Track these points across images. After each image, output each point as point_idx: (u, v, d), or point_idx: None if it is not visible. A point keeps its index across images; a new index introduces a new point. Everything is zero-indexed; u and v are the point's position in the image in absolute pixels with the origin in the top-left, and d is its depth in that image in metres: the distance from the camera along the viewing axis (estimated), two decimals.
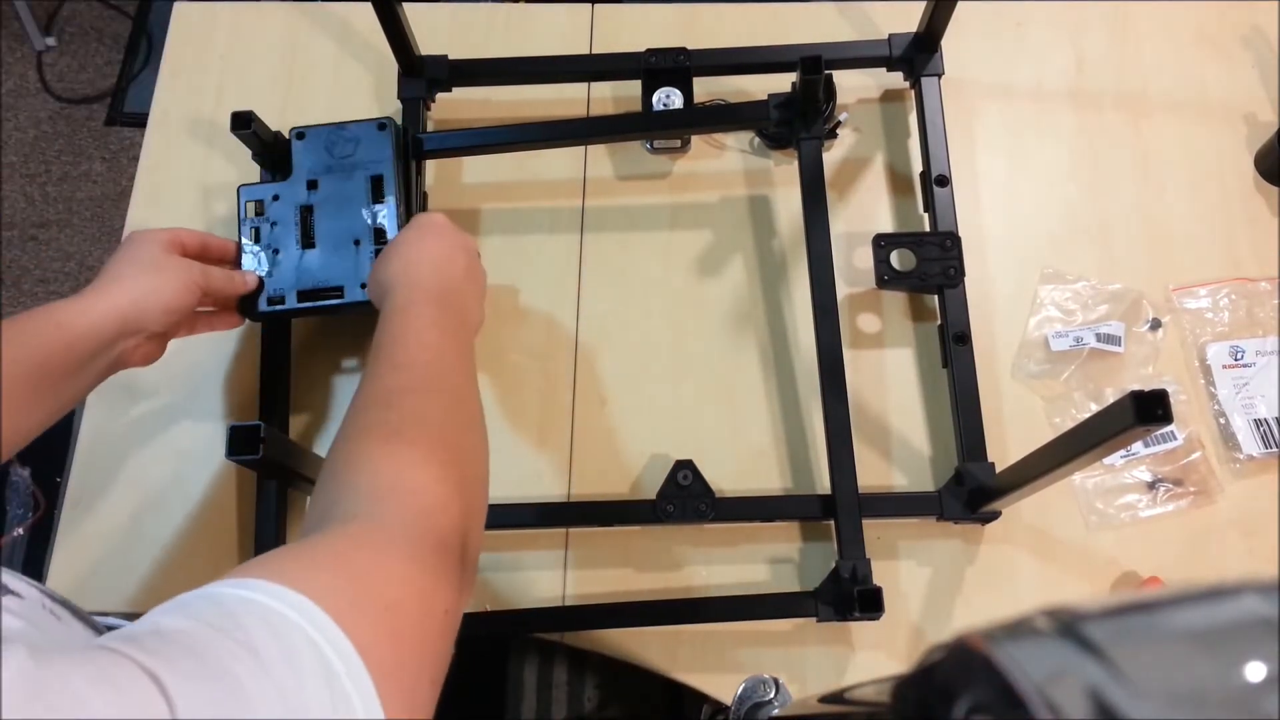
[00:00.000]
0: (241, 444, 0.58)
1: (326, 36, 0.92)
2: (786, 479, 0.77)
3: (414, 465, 0.46)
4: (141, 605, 0.75)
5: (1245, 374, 0.77)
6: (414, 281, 0.61)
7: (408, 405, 0.51)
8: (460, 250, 0.66)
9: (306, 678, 0.31)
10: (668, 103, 0.82)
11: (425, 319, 0.57)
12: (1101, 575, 0.73)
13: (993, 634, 0.24)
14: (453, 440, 0.50)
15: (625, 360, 0.80)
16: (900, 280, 0.77)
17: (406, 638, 0.36)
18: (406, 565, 0.40)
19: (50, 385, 0.58)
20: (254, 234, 0.74)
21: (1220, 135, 0.86)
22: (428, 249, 0.64)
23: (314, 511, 0.46)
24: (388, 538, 0.41)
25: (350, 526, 0.42)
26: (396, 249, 0.65)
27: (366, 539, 0.41)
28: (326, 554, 0.39)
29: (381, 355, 0.55)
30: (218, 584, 0.35)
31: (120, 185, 1.86)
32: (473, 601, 0.74)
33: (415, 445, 0.48)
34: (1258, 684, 0.21)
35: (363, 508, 0.43)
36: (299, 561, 0.38)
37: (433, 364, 0.54)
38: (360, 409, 0.51)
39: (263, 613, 0.32)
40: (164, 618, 0.32)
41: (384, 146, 0.75)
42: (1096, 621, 0.23)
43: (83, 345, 0.59)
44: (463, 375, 0.56)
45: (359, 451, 0.47)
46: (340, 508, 0.44)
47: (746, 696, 0.56)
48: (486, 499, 0.53)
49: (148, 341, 0.65)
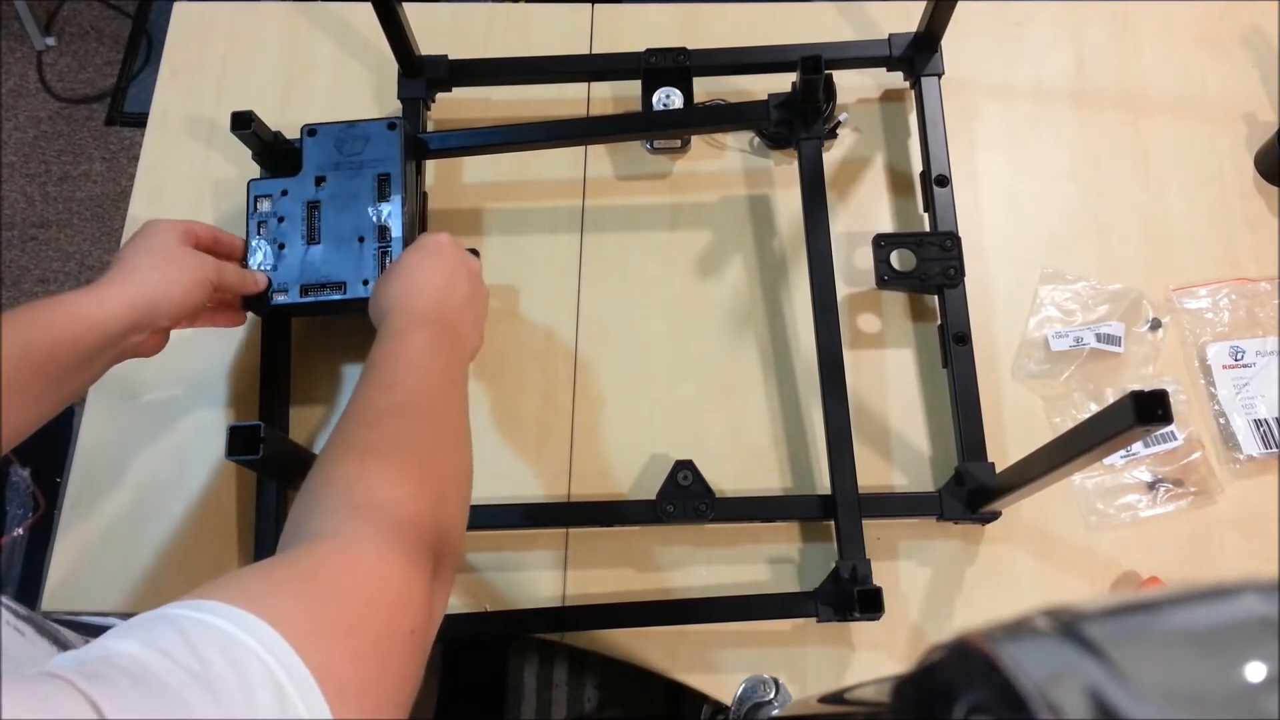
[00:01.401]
0: (241, 444, 0.58)
1: (326, 36, 0.92)
2: (786, 479, 0.77)
3: (388, 481, 0.46)
4: (142, 605, 0.75)
5: (1245, 374, 0.77)
6: (413, 309, 0.61)
7: (390, 425, 0.51)
8: (462, 276, 0.66)
9: (258, 705, 0.31)
10: (668, 103, 0.82)
11: (418, 344, 0.57)
12: (1101, 575, 0.73)
13: (993, 634, 0.24)
14: (432, 460, 0.50)
15: (625, 360, 0.80)
16: (900, 280, 0.77)
17: (368, 661, 0.36)
18: (372, 586, 0.39)
19: (58, 376, 0.58)
20: (261, 228, 0.74)
21: (1220, 135, 0.86)
22: (429, 276, 0.64)
23: (289, 527, 0.46)
24: (355, 557, 0.41)
25: (318, 545, 0.41)
26: (399, 272, 0.65)
27: (333, 558, 0.40)
28: (289, 575, 0.38)
29: (371, 376, 0.55)
30: (177, 605, 0.34)
31: (120, 185, 1.86)
32: (473, 601, 0.74)
33: (391, 462, 0.47)
34: (1258, 684, 0.21)
35: (332, 524, 0.43)
36: (261, 583, 0.37)
37: (421, 387, 0.54)
38: (343, 427, 0.51)
39: (217, 637, 0.32)
40: (117, 641, 0.32)
41: (393, 146, 0.75)
42: (1096, 621, 0.23)
43: (94, 337, 0.59)
44: (451, 401, 0.56)
45: (336, 467, 0.47)
46: (311, 524, 0.43)
47: (746, 696, 0.56)
48: (464, 521, 0.53)
49: (154, 334, 0.65)
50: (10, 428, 0.54)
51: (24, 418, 0.56)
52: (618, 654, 0.72)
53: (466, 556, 0.75)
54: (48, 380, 0.57)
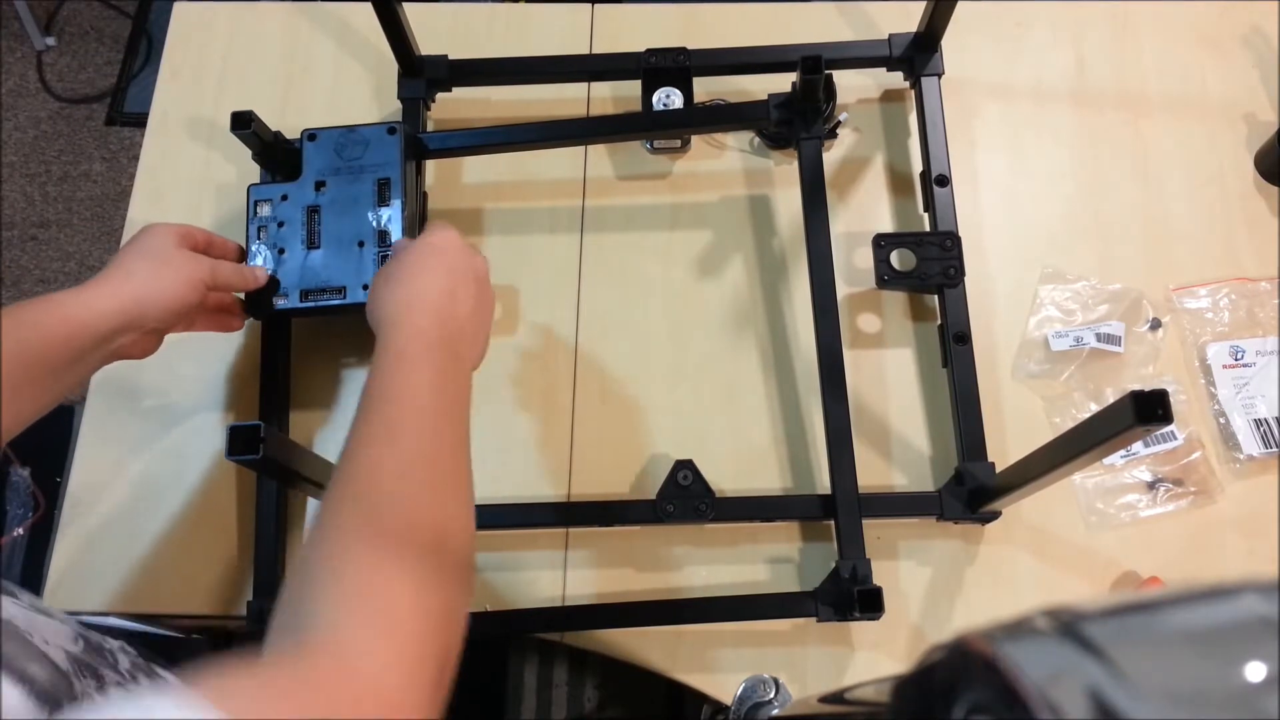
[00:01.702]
0: (241, 444, 0.58)
1: (326, 36, 0.92)
2: (786, 479, 0.77)
3: (393, 577, 0.43)
4: (142, 605, 0.75)
5: (1245, 374, 0.77)
6: (413, 326, 0.56)
7: (395, 496, 0.48)
8: (469, 280, 0.61)
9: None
10: (668, 103, 0.82)
11: (420, 381, 0.54)
12: (1101, 575, 0.73)
13: (993, 634, 0.24)
14: (439, 530, 0.48)
15: (625, 360, 0.80)
16: (900, 280, 0.77)
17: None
18: (368, 706, 0.37)
19: (47, 375, 0.58)
20: (261, 233, 0.74)
21: (1220, 135, 0.86)
22: (434, 281, 0.59)
23: (282, 609, 0.43)
24: (352, 668, 0.38)
25: (312, 646, 0.39)
26: (399, 273, 0.60)
27: (327, 667, 0.38)
28: (276, 680, 0.36)
29: (370, 420, 0.51)
30: (158, 695, 0.32)
31: (120, 185, 1.86)
32: (473, 601, 0.74)
33: (396, 548, 0.45)
34: (1258, 684, 0.21)
35: (330, 619, 0.40)
36: (246, 683, 0.35)
37: (428, 437, 0.51)
38: (345, 490, 0.48)
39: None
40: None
41: (393, 150, 0.75)
42: (1096, 621, 0.23)
43: (83, 337, 0.59)
44: (451, 434, 0.53)
45: (338, 547, 0.45)
46: (308, 613, 0.41)
47: (746, 696, 0.56)
48: (470, 578, 0.51)
49: (145, 336, 0.65)
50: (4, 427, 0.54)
51: (12, 420, 0.56)
52: (618, 654, 0.72)
53: None
54: (39, 380, 0.57)
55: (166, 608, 0.75)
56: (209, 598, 0.75)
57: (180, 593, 0.75)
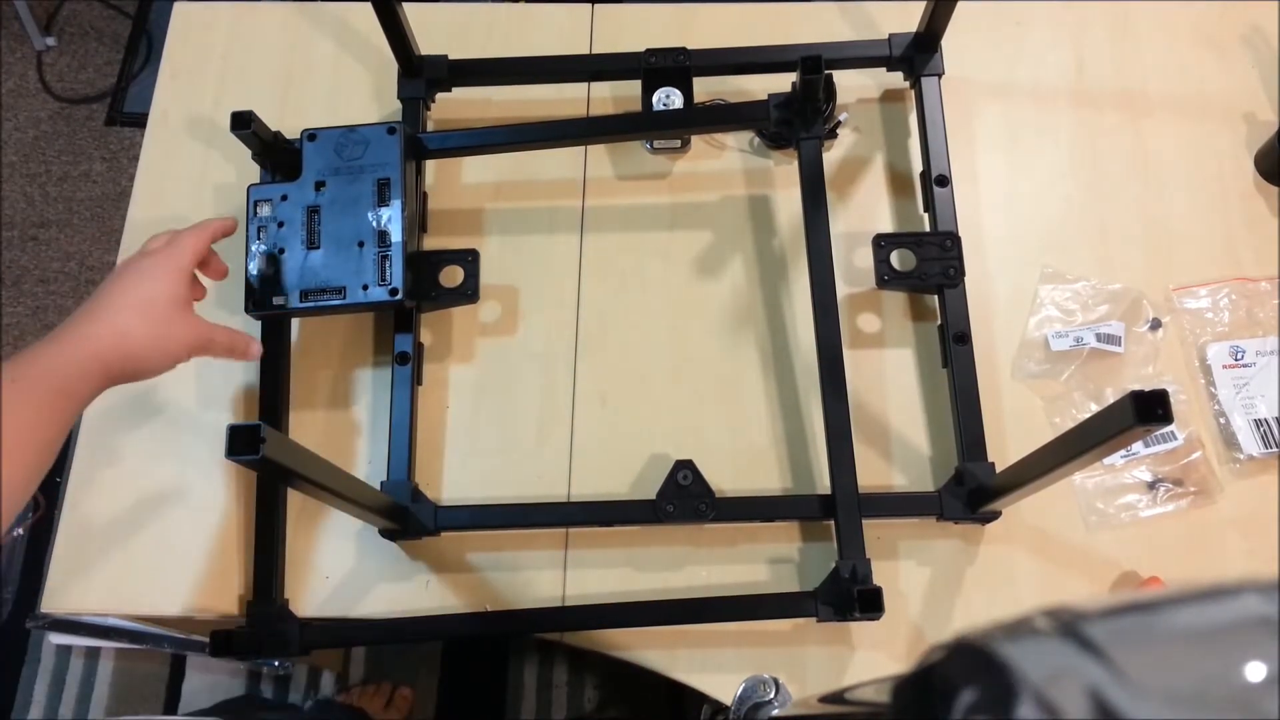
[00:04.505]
0: (241, 444, 0.58)
1: (326, 36, 0.92)
2: (786, 479, 0.77)
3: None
4: (141, 605, 0.75)
5: (1245, 374, 0.77)
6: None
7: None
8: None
9: None
10: (668, 103, 0.82)
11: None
12: (1101, 575, 0.73)
13: (993, 634, 0.24)
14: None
15: (625, 360, 0.80)
16: (900, 280, 0.77)
17: None
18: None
19: (45, 449, 0.59)
20: (260, 233, 0.74)
21: (1220, 135, 0.86)
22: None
23: None
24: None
25: None
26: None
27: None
28: None
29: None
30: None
31: (120, 185, 1.86)
32: (473, 601, 0.74)
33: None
34: (1258, 684, 0.21)
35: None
36: None
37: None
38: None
39: None
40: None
41: (393, 150, 0.75)
42: (1096, 621, 0.23)
43: (73, 402, 0.60)
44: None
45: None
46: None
47: (746, 696, 0.56)
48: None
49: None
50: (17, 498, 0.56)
51: (25, 489, 0.58)
52: (618, 654, 0.72)
53: (467, 556, 0.75)
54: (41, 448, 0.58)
55: (166, 608, 0.75)
56: (208, 598, 0.75)
57: (180, 593, 0.75)
